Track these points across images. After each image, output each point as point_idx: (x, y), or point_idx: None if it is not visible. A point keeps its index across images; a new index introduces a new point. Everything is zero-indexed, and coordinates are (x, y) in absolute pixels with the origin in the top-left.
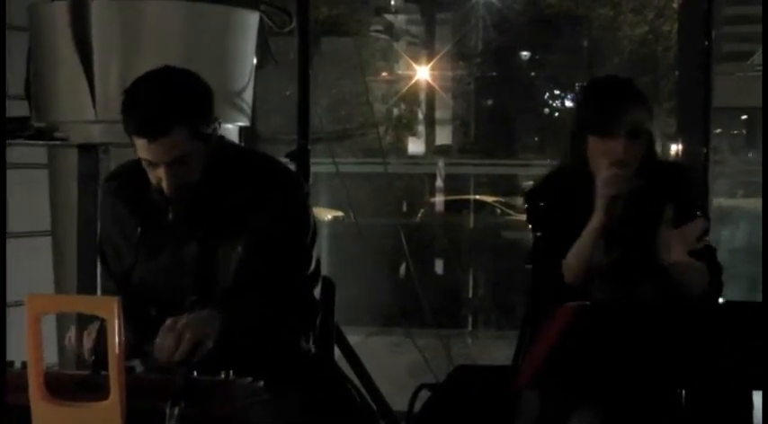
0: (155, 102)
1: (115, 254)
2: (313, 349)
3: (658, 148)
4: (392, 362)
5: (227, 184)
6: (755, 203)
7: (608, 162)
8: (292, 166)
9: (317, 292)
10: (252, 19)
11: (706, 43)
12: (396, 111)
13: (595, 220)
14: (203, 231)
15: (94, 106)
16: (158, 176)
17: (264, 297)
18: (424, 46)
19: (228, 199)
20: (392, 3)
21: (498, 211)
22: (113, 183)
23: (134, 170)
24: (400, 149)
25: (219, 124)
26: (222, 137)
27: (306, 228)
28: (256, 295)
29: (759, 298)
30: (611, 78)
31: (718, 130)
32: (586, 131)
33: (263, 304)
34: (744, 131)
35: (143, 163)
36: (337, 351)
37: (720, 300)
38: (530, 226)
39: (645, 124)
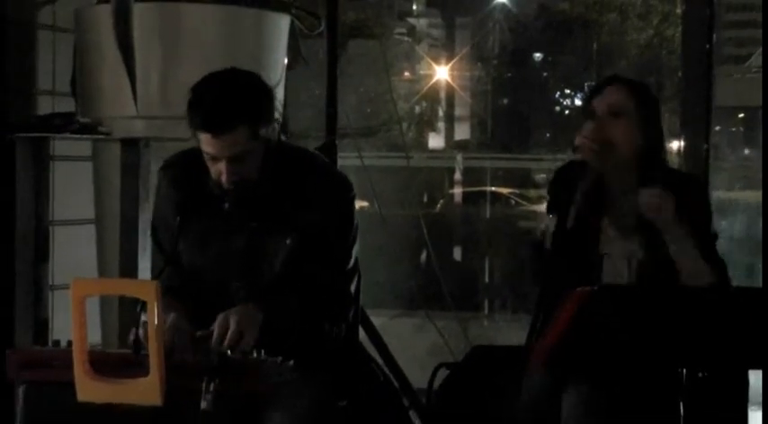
0: (221, 100)
1: (167, 235)
2: (343, 333)
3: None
4: (413, 343)
5: (282, 181)
6: (752, 196)
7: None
8: None
9: (353, 287)
10: (283, 22)
11: (707, 47)
12: (417, 109)
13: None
14: (255, 223)
15: (136, 103)
16: (219, 170)
17: (305, 293)
18: (445, 48)
19: (282, 195)
20: (414, 7)
21: (513, 202)
22: (169, 172)
23: (191, 158)
24: (422, 144)
25: (279, 124)
26: (281, 138)
27: (350, 228)
28: (296, 294)
29: (756, 284)
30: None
31: (718, 128)
32: (582, 117)
33: (302, 301)
34: (741, 129)
35: (205, 156)
36: (362, 332)
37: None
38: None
39: (626, 107)
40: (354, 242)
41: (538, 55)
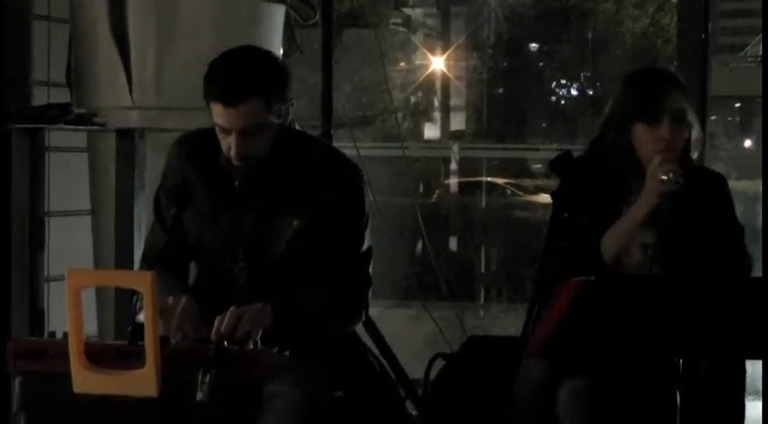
0: (235, 71)
1: (169, 205)
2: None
3: None
4: (410, 333)
5: (293, 163)
6: (748, 185)
7: (656, 148)
8: None
9: (370, 269)
10: (279, 12)
11: (703, 36)
12: (413, 99)
13: (645, 207)
14: (264, 202)
15: (131, 93)
16: (229, 144)
17: (318, 283)
18: (440, 38)
19: (292, 177)
20: None
21: (509, 192)
22: (184, 146)
23: (205, 136)
24: (417, 134)
25: (293, 104)
26: (293, 122)
27: (361, 213)
28: (310, 287)
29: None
30: (655, 68)
31: (714, 117)
32: (633, 118)
33: (316, 295)
34: (737, 118)
35: (216, 130)
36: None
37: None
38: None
39: (688, 112)
40: (366, 227)
41: (533, 44)
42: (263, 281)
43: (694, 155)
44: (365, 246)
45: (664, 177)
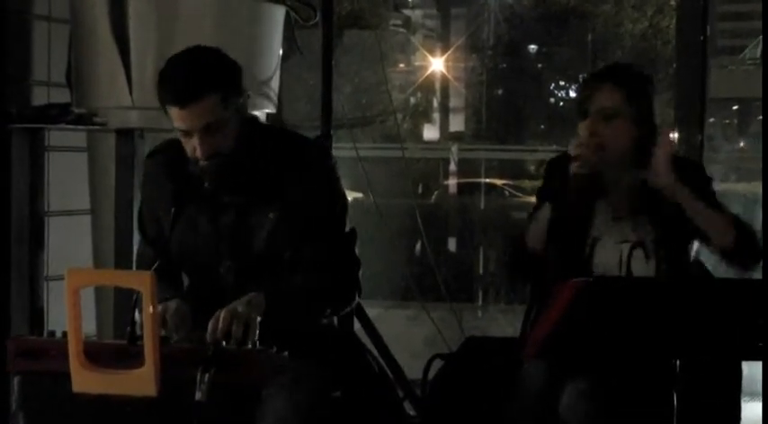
0: (185, 72)
1: (154, 223)
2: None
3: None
4: (408, 333)
5: (259, 155)
6: (747, 187)
7: (575, 141)
8: None
9: (356, 250)
10: (279, 13)
11: (702, 38)
12: (413, 100)
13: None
14: (238, 199)
15: (131, 93)
16: (193, 146)
17: (306, 270)
18: (440, 39)
19: (261, 169)
20: None
21: (507, 193)
22: (154, 158)
23: (174, 146)
24: (416, 135)
25: (249, 96)
26: (254, 115)
27: (336, 194)
28: (300, 273)
29: (748, 275)
30: (609, 65)
31: (712, 119)
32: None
33: (306, 279)
34: (735, 121)
35: (179, 135)
36: (357, 323)
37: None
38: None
39: (620, 108)
40: (345, 210)
41: (533, 46)
42: (250, 277)
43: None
44: (347, 228)
45: (573, 154)
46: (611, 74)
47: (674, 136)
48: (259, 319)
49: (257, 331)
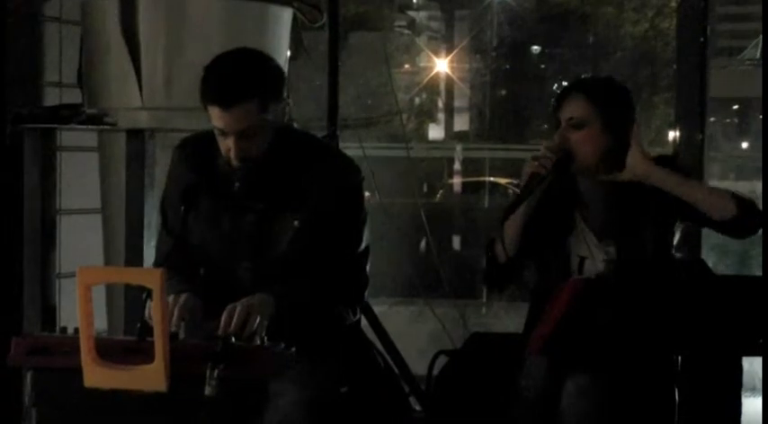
0: (231, 74)
1: (175, 214)
2: (357, 318)
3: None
4: (413, 330)
5: (290, 162)
6: (747, 186)
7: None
8: None
9: (367, 268)
10: (286, 15)
11: (702, 39)
12: (417, 100)
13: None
14: (264, 203)
15: (141, 94)
16: (227, 146)
17: (316, 277)
18: (444, 40)
19: (290, 176)
20: (414, 0)
21: (511, 192)
22: (184, 150)
23: (205, 139)
24: (421, 135)
25: (289, 103)
26: (290, 123)
27: (359, 210)
28: (309, 278)
29: (748, 272)
30: (583, 78)
31: (712, 119)
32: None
33: (316, 285)
34: (735, 120)
35: (215, 132)
36: (363, 320)
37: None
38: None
39: (588, 117)
40: (364, 225)
41: (535, 47)
42: (267, 279)
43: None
44: (363, 245)
45: (528, 170)
46: (580, 85)
47: (676, 135)
48: (266, 321)
49: (264, 334)
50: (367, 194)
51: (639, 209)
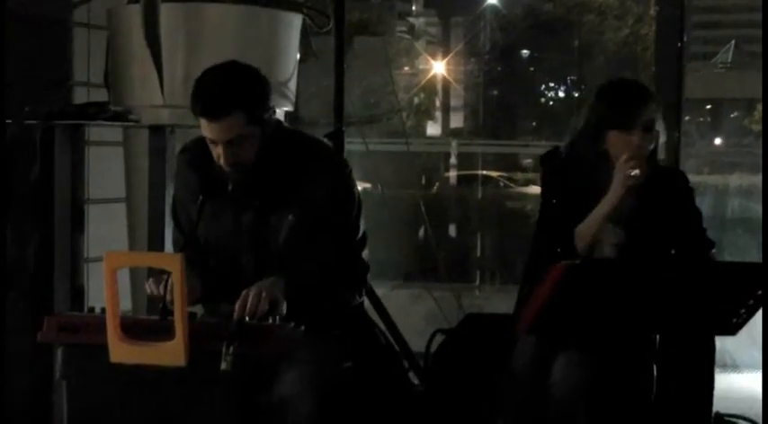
0: (218, 88)
1: (184, 214)
2: (361, 300)
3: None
4: (412, 311)
5: (280, 162)
6: (718, 179)
7: (627, 153)
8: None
9: (365, 254)
10: (296, 20)
11: (679, 45)
12: (416, 100)
13: (613, 198)
14: (259, 201)
15: (162, 93)
16: (218, 153)
17: (320, 263)
18: (441, 45)
19: (281, 175)
20: (413, 8)
21: (502, 184)
22: (186, 155)
23: (202, 144)
24: (420, 131)
25: (274, 112)
26: (279, 122)
27: (350, 200)
28: (314, 264)
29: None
30: (627, 81)
31: (687, 118)
32: (608, 126)
33: (320, 270)
34: (708, 119)
35: (207, 140)
36: (367, 302)
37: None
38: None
39: (656, 121)
40: (359, 214)
41: (525, 51)
42: (268, 268)
43: (661, 156)
44: (360, 233)
45: (630, 172)
46: (647, 90)
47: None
48: (283, 301)
49: (283, 308)
50: (368, 185)
51: (654, 201)
